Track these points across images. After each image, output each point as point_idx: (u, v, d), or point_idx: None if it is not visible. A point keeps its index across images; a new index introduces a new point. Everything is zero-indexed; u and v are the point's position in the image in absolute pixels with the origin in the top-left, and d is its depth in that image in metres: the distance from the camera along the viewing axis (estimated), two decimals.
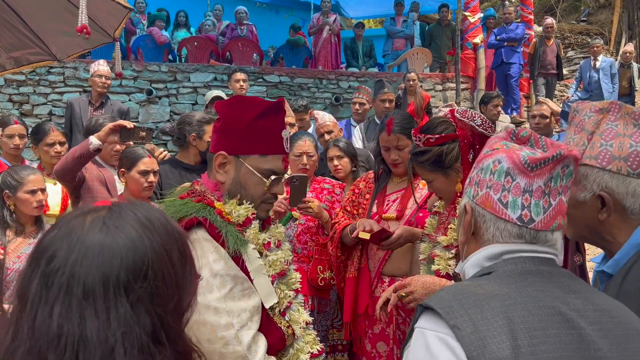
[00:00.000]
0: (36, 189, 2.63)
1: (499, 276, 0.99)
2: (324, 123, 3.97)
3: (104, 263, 0.75)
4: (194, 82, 7.60)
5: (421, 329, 0.94)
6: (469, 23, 8.87)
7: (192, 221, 1.40)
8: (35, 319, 0.73)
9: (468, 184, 1.10)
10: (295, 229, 3.02)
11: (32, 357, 0.72)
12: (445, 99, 8.65)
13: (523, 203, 1.00)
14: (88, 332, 0.71)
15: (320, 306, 3.01)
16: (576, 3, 14.29)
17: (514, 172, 1.01)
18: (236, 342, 1.33)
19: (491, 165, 1.04)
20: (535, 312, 0.91)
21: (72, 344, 0.71)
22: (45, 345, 0.71)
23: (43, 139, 3.38)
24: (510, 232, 1.02)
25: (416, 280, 1.84)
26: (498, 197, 1.02)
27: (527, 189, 1.00)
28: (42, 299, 0.74)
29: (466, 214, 1.07)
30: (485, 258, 1.04)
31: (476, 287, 0.96)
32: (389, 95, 5.11)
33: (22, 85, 6.99)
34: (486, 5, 12.77)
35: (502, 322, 0.89)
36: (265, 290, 1.46)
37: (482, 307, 0.91)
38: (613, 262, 1.26)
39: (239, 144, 1.51)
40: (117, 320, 0.73)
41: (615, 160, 1.22)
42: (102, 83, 4.89)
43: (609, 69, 8.28)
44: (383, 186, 2.57)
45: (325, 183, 3.17)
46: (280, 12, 11.77)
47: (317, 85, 8.16)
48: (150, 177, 2.82)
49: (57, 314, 0.72)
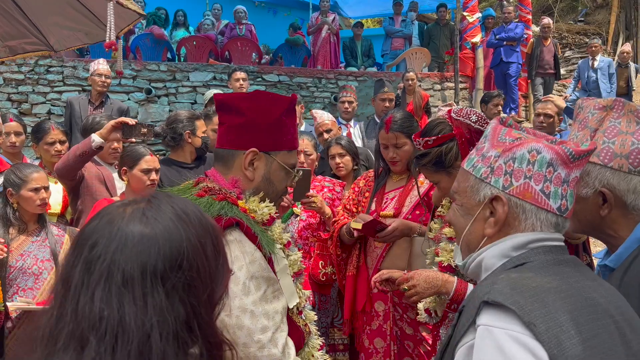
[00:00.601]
0: (39, 186, 2.64)
1: (538, 267, 0.97)
2: (322, 122, 3.99)
3: (143, 252, 0.77)
4: (193, 81, 7.61)
5: (488, 326, 0.87)
6: (467, 23, 8.90)
7: (230, 221, 1.34)
8: (78, 303, 0.75)
9: (490, 173, 1.05)
10: (297, 225, 3.05)
11: (75, 339, 0.74)
12: (444, 99, 8.67)
13: (562, 193, 1.02)
14: (127, 317, 0.74)
15: (321, 303, 3.04)
16: (574, 3, 14.33)
17: (556, 162, 1.01)
18: (272, 345, 1.30)
19: (527, 155, 1.02)
20: (583, 304, 0.91)
21: (112, 328, 0.73)
22: (87, 328, 0.74)
23: (43, 137, 3.38)
24: (550, 222, 1.02)
25: (419, 274, 1.86)
26: (540, 188, 1.01)
27: (567, 179, 1.02)
28: (84, 284, 0.76)
29: (500, 204, 1.03)
30: (511, 248, 1.02)
31: (527, 280, 0.93)
32: (389, 94, 5.12)
33: (21, 84, 6.98)
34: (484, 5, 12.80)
35: (566, 316, 0.86)
36: (289, 290, 1.45)
37: (543, 302, 0.88)
38: (615, 256, 1.28)
39: (269, 139, 1.47)
40: (154, 308, 0.75)
41: (617, 157, 1.23)
42: (102, 82, 4.90)
43: (606, 68, 8.32)
44: (382, 184, 2.59)
45: (326, 181, 3.20)
46: (279, 12, 11.77)
47: (316, 84, 8.17)
48: (153, 175, 2.83)
49: (99, 298, 0.75)
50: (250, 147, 1.45)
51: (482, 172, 1.06)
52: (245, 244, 1.34)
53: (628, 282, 1.20)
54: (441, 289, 1.81)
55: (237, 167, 1.47)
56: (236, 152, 1.47)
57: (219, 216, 1.34)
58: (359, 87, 8.35)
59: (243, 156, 1.46)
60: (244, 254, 1.32)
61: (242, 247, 1.33)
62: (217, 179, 1.49)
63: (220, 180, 1.48)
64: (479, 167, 1.07)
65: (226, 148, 1.49)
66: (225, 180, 1.48)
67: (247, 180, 1.47)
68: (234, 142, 1.48)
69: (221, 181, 1.48)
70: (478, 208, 1.06)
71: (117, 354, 0.73)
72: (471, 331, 0.91)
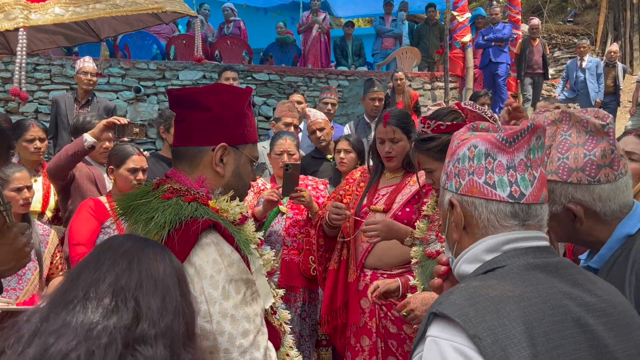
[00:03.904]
0: (22, 186, 2.60)
1: (507, 273, 0.94)
2: (315, 120, 3.99)
3: None
4: (183, 80, 7.56)
5: (435, 338, 0.87)
6: (457, 22, 8.92)
7: (207, 223, 1.28)
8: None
9: (446, 179, 1.07)
10: (284, 222, 3.07)
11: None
12: (434, 98, 8.70)
13: (509, 180, 0.99)
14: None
15: (310, 299, 3.07)
16: (563, 4, 14.44)
17: (493, 151, 0.99)
18: (254, 349, 1.27)
19: (467, 152, 1.02)
20: (549, 314, 0.87)
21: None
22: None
23: (22, 134, 3.34)
24: (504, 212, 0.99)
25: (414, 298, 1.88)
26: (484, 180, 0.99)
27: (510, 164, 0.99)
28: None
29: (454, 208, 1.03)
30: (483, 251, 1.00)
31: (487, 289, 0.90)
32: (378, 94, 5.13)
33: (8, 83, 6.89)
34: (474, 5, 12.85)
35: (521, 327, 0.84)
36: (264, 290, 1.42)
37: (498, 313, 0.85)
38: (598, 257, 1.29)
39: (237, 133, 1.41)
40: None
41: (574, 172, 1.24)
42: (88, 80, 4.84)
43: (595, 69, 8.40)
44: (376, 180, 2.59)
45: (309, 180, 3.24)
46: (269, 12, 11.74)
47: (307, 83, 8.15)
48: (139, 174, 2.80)
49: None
50: (220, 142, 1.39)
51: (442, 180, 1.10)
52: (224, 246, 1.30)
53: (612, 281, 1.19)
54: None
55: (204, 164, 1.40)
56: (203, 149, 1.40)
57: (194, 219, 1.29)
58: (349, 86, 8.35)
59: (212, 152, 1.39)
60: (222, 257, 1.28)
61: (220, 250, 1.29)
62: (181, 179, 1.41)
63: (185, 180, 1.40)
64: (442, 176, 1.11)
65: (191, 145, 1.41)
66: (190, 180, 1.40)
67: (217, 178, 1.41)
68: (200, 138, 1.40)
69: (186, 181, 1.40)
70: (447, 215, 1.07)
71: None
72: (422, 342, 0.90)
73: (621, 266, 1.22)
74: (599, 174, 1.22)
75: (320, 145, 3.99)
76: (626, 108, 9.39)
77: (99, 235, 2.73)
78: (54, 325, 0.87)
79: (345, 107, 8.15)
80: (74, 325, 0.86)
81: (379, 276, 2.42)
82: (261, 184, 3.14)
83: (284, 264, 3.00)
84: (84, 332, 0.85)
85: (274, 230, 3.06)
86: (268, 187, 3.09)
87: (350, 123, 5.33)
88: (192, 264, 1.25)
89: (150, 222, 1.30)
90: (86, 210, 2.75)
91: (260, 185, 3.12)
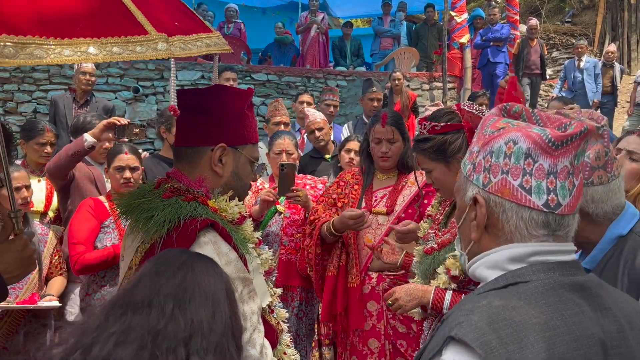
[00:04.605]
0: (20, 185, 2.61)
1: (532, 293, 0.86)
2: (314, 120, 4.00)
3: None
4: (181, 80, 7.55)
5: None
6: (455, 23, 8.94)
7: (205, 222, 1.30)
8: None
9: (472, 171, 0.95)
10: (281, 222, 3.07)
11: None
12: (432, 98, 8.71)
13: (548, 187, 0.89)
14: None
15: (308, 298, 3.07)
16: (561, 4, 14.47)
17: (535, 152, 0.89)
18: (250, 346, 1.28)
19: (504, 148, 0.91)
20: (573, 347, 0.82)
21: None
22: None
23: (35, 137, 3.34)
24: (536, 221, 0.89)
25: (400, 288, 1.93)
26: (519, 183, 0.89)
27: (552, 170, 0.89)
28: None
29: (478, 206, 0.93)
30: (507, 259, 0.91)
31: (512, 312, 0.83)
32: (377, 94, 5.14)
33: (7, 83, 6.89)
34: (473, 5, 12.87)
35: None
36: (262, 289, 1.44)
37: (521, 343, 0.79)
38: (590, 258, 1.31)
39: (236, 134, 1.44)
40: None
41: None
42: (86, 80, 4.85)
43: (592, 69, 8.41)
44: (369, 182, 2.59)
45: (307, 179, 3.24)
46: (267, 12, 11.75)
47: (305, 83, 8.16)
48: (126, 173, 2.78)
49: None
50: (218, 142, 1.42)
51: (467, 170, 0.97)
52: (221, 245, 1.32)
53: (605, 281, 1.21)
54: (422, 299, 1.86)
55: (204, 164, 1.43)
56: (202, 149, 1.43)
57: (193, 218, 1.31)
58: (348, 86, 8.36)
59: (211, 153, 1.42)
60: (220, 256, 1.30)
61: (218, 249, 1.31)
62: (182, 178, 1.43)
63: (185, 179, 1.43)
64: (467, 163, 0.98)
65: (191, 145, 1.44)
66: (190, 179, 1.43)
67: (216, 178, 1.44)
68: (199, 138, 1.43)
69: (186, 181, 1.42)
70: (466, 209, 0.97)
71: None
72: (437, 358, 0.85)
73: (613, 267, 1.24)
74: (592, 176, 1.23)
75: (319, 145, 4.00)
76: (624, 108, 9.42)
77: (98, 235, 2.74)
78: (114, 327, 0.89)
79: (344, 107, 8.16)
80: (139, 328, 0.88)
81: (385, 278, 2.42)
82: (259, 183, 3.15)
83: (282, 263, 3.00)
84: (151, 338, 0.87)
85: (271, 230, 3.07)
86: (266, 186, 3.10)
87: (349, 123, 5.34)
88: None
89: (150, 221, 1.32)
90: (86, 209, 2.76)
91: (259, 184, 3.12)
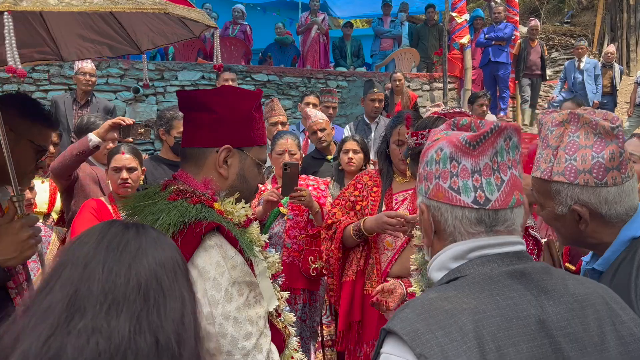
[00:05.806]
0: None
1: (467, 283, 0.92)
2: (317, 121, 3.99)
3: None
4: (182, 80, 7.55)
5: (387, 355, 0.86)
6: (456, 24, 8.94)
7: (211, 226, 1.28)
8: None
9: (418, 182, 1.04)
10: (284, 224, 3.05)
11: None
12: (432, 99, 8.71)
13: (474, 184, 0.95)
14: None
15: (311, 300, 3.07)
16: (560, 5, 14.48)
17: (457, 155, 0.96)
18: (257, 351, 1.27)
19: (434, 155, 0.99)
20: (505, 327, 0.85)
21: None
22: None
23: None
24: (469, 219, 0.95)
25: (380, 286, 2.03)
26: (448, 185, 0.96)
27: (475, 168, 0.95)
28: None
29: (422, 213, 1.01)
30: (450, 259, 0.97)
31: (443, 301, 0.88)
32: (378, 94, 5.14)
33: (6, 83, 6.87)
34: (473, 6, 12.88)
35: (472, 342, 0.82)
36: (269, 293, 1.42)
37: (450, 327, 0.83)
38: (603, 260, 1.30)
39: (242, 135, 1.41)
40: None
41: (581, 174, 1.24)
42: (87, 80, 4.84)
43: (592, 70, 8.42)
44: (389, 185, 2.51)
45: (310, 180, 3.23)
46: (268, 12, 11.74)
47: (306, 84, 8.16)
48: (123, 173, 2.77)
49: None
50: (224, 143, 1.39)
51: (416, 183, 1.06)
52: (227, 249, 1.30)
53: (617, 283, 1.21)
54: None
55: (209, 166, 1.41)
56: (208, 150, 1.40)
57: (198, 221, 1.29)
58: (348, 87, 8.36)
59: (216, 154, 1.40)
60: (226, 259, 1.28)
61: (224, 252, 1.29)
62: (188, 180, 1.41)
63: (191, 181, 1.41)
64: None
65: (196, 146, 1.42)
66: (196, 181, 1.41)
67: (221, 179, 1.41)
68: (205, 139, 1.40)
69: (192, 182, 1.40)
70: (420, 219, 1.04)
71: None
72: (378, 358, 0.90)
73: (626, 269, 1.23)
74: (606, 177, 1.23)
75: (321, 145, 3.99)
76: (623, 109, 9.42)
77: None
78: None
79: (344, 107, 8.16)
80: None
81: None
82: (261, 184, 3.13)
83: (285, 266, 2.96)
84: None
85: (274, 232, 3.06)
86: (269, 187, 3.08)
87: (350, 124, 5.34)
88: (195, 266, 1.25)
89: (155, 224, 1.30)
90: (88, 210, 2.75)
91: (262, 185, 3.11)
